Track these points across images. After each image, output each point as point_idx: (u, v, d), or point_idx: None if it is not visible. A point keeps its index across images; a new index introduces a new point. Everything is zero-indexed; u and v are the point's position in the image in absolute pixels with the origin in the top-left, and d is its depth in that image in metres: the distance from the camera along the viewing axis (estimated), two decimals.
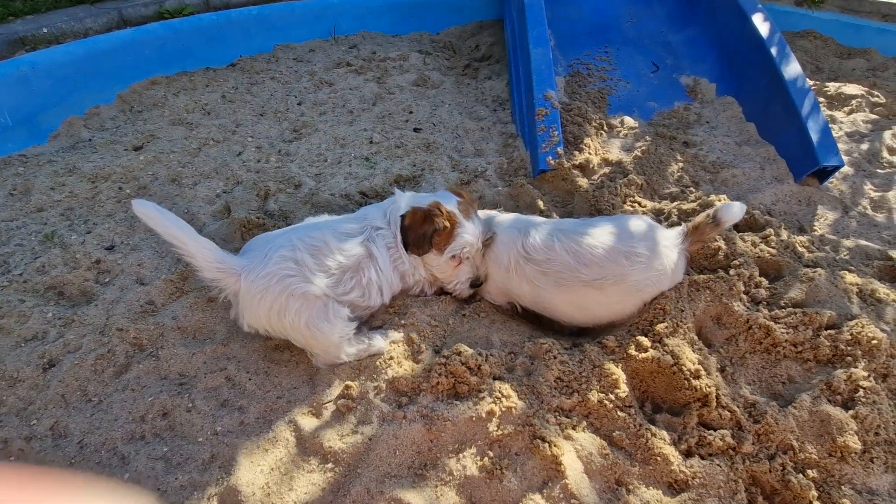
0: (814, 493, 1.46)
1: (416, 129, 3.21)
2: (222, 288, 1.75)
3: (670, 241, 1.82)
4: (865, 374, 1.65)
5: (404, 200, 1.92)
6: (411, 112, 3.41)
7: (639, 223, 1.85)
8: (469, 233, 1.85)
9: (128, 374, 1.78)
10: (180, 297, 2.06)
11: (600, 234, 1.80)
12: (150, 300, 2.03)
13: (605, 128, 3.00)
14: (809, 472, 1.51)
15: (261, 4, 4.30)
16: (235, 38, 4.06)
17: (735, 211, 1.78)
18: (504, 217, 2.03)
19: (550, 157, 2.62)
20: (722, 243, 2.09)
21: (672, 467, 1.49)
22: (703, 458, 1.53)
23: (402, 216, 1.87)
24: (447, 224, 1.83)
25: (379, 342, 1.78)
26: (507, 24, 3.86)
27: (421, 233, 1.83)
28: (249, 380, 1.76)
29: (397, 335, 1.81)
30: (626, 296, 1.80)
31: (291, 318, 1.68)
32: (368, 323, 1.95)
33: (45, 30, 3.36)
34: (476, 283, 1.95)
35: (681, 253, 1.83)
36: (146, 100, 3.44)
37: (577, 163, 2.66)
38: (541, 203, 2.46)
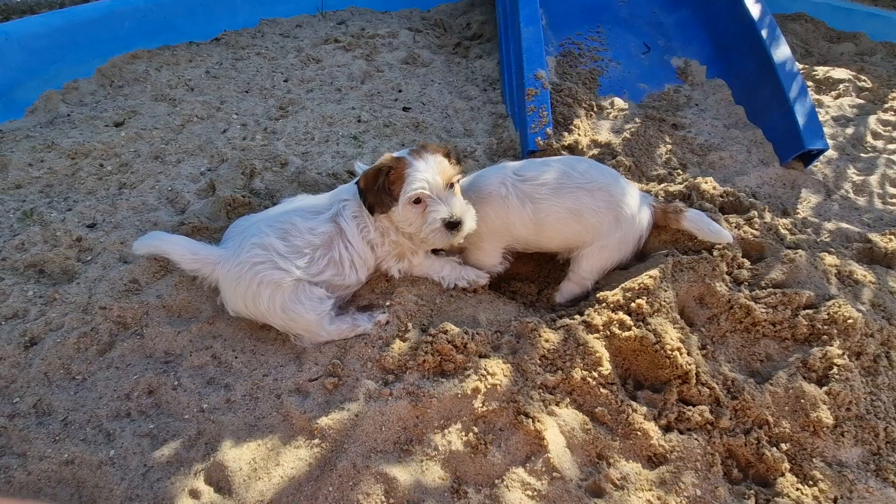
0: (786, 465, 1.51)
1: (405, 109, 3.17)
2: (204, 277, 1.81)
3: (638, 192, 2.03)
4: (840, 352, 1.70)
5: (362, 171, 1.89)
6: (400, 91, 3.36)
7: (621, 178, 2.04)
8: (420, 169, 1.69)
9: (112, 353, 1.77)
10: (165, 275, 2.04)
11: (588, 169, 1.98)
12: (134, 279, 2.00)
13: (595, 109, 2.99)
14: (783, 445, 1.56)
15: None
16: (219, 12, 3.95)
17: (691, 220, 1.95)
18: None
19: (540, 138, 2.61)
20: None
21: (651, 441, 1.53)
22: (681, 432, 1.57)
23: (357, 182, 1.79)
24: (393, 166, 1.71)
25: (364, 322, 1.79)
26: (498, 1, 3.79)
27: (375, 187, 1.71)
28: (236, 358, 1.76)
29: (383, 316, 1.82)
30: (607, 206, 1.92)
31: (266, 304, 1.71)
32: (355, 303, 1.96)
33: None
34: (453, 224, 1.71)
35: (647, 205, 2.02)
36: (127, 74, 3.35)
37: (566, 143, 2.65)
38: None
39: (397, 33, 4.03)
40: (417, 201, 1.71)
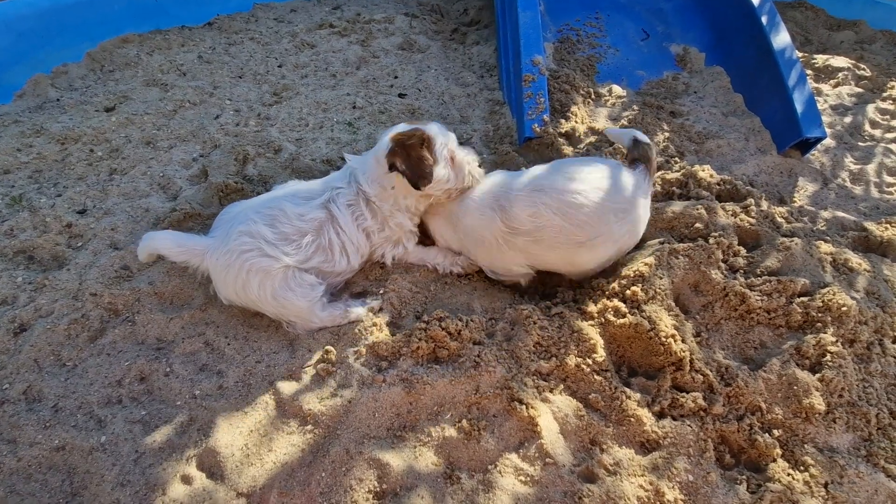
0: (778, 451, 1.52)
1: (400, 95, 3.13)
2: (194, 267, 1.81)
3: (642, 189, 1.82)
4: (833, 339, 1.70)
5: (352, 161, 1.90)
6: (396, 77, 3.31)
7: (613, 171, 1.81)
8: (436, 130, 1.82)
9: (103, 339, 1.76)
10: (156, 262, 2.01)
11: (585, 189, 1.72)
12: (125, 265, 1.98)
13: (593, 96, 2.96)
14: (775, 431, 1.56)
15: None
16: None
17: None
18: (475, 192, 1.90)
19: (536, 125, 2.58)
20: (703, 212, 2.10)
21: (645, 428, 1.53)
22: (674, 419, 1.57)
23: (392, 164, 1.75)
24: (424, 137, 1.77)
25: (357, 309, 1.78)
26: None
27: (419, 159, 1.72)
28: (228, 345, 1.74)
29: (376, 303, 1.81)
30: (611, 248, 1.81)
31: (256, 292, 1.70)
32: (349, 290, 1.94)
33: None
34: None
35: (648, 198, 1.86)
36: (117, 59, 3.29)
37: (563, 131, 2.63)
38: None
39: (393, 18, 3.97)
40: (451, 158, 1.83)
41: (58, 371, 1.67)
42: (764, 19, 2.91)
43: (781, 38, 2.82)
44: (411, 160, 1.73)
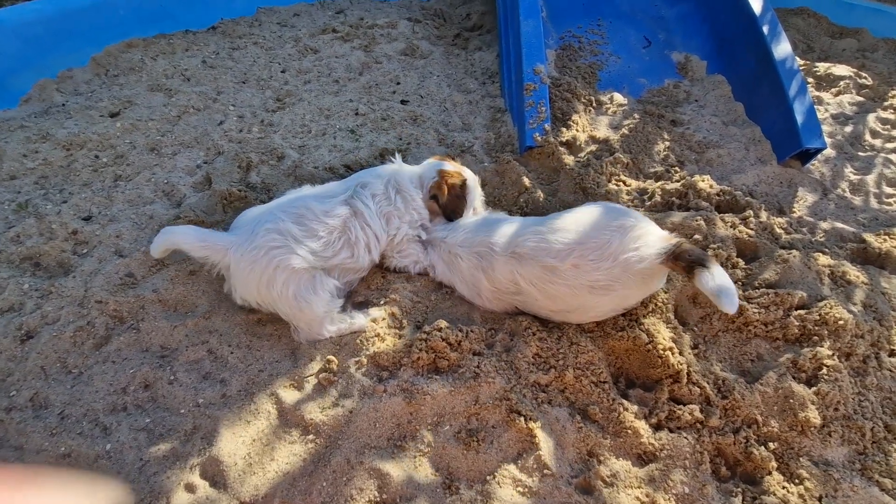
0: (773, 464, 1.54)
1: (403, 101, 3.15)
2: (213, 264, 1.79)
3: (652, 261, 1.58)
4: (830, 352, 1.71)
5: (406, 170, 2.08)
6: (398, 83, 3.33)
7: (603, 238, 1.62)
8: (469, 175, 2.12)
9: (108, 347, 1.78)
10: (161, 269, 2.04)
11: (560, 267, 1.63)
12: (130, 272, 2.01)
13: (594, 104, 2.97)
14: (771, 444, 1.58)
15: None
16: (216, 0, 3.89)
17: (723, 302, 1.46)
18: (459, 238, 1.93)
19: (538, 134, 2.60)
20: (703, 223, 2.12)
21: (642, 440, 1.55)
22: (671, 431, 1.59)
23: (436, 199, 2.00)
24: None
25: (360, 320, 1.80)
26: None
27: (461, 198, 2.02)
28: (231, 353, 1.77)
29: (378, 313, 1.83)
30: (594, 315, 1.75)
31: (279, 289, 1.70)
32: (351, 299, 1.96)
33: None
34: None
35: (655, 268, 1.59)
36: (122, 63, 3.31)
37: (564, 140, 2.64)
38: (526, 180, 2.46)
39: (396, 23, 3.99)
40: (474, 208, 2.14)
41: (64, 378, 1.70)
42: (765, 28, 2.92)
43: (782, 48, 2.83)
44: (452, 198, 2.00)
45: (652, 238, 1.61)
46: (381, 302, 1.88)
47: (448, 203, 2.00)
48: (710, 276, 1.48)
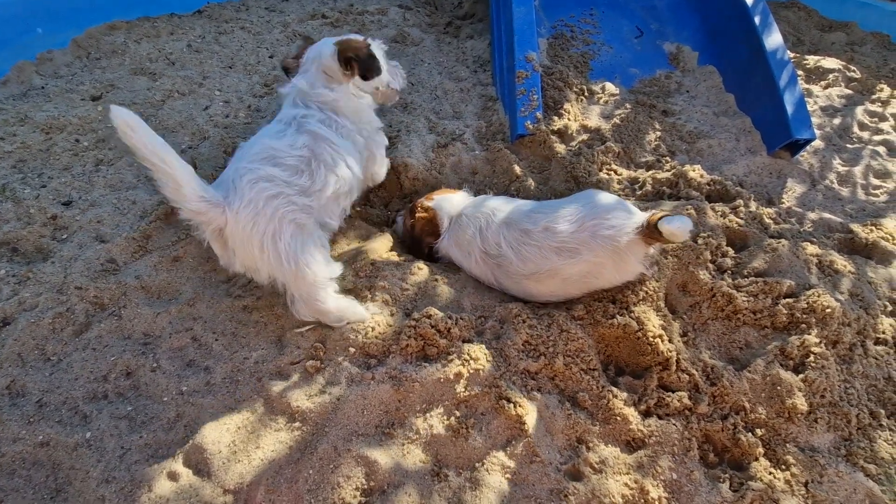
0: (760, 450, 1.55)
1: None
2: (207, 222, 1.57)
3: (622, 232, 1.66)
4: (817, 340, 1.73)
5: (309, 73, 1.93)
6: None
7: (580, 210, 1.74)
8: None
9: (88, 334, 1.73)
10: (143, 255, 1.99)
11: (534, 229, 1.77)
12: (112, 258, 1.96)
13: (586, 93, 2.95)
14: (758, 430, 1.59)
15: None
16: None
17: (675, 226, 1.56)
18: (468, 207, 2.02)
19: (529, 122, 2.57)
20: (693, 212, 2.12)
21: (630, 426, 1.55)
22: (660, 417, 1.59)
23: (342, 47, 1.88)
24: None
25: (362, 311, 1.75)
26: None
27: (367, 54, 1.92)
28: (216, 340, 1.73)
29: (375, 308, 1.79)
30: (560, 284, 1.79)
31: (286, 244, 1.59)
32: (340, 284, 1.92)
33: None
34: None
35: (633, 246, 1.67)
36: (104, 46, 3.22)
37: (555, 128, 2.62)
38: (517, 169, 2.44)
39: (387, 10, 3.92)
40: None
41: (42, 365, 1.65)
42: (757, 19, 2.92)
43: (774, 39, 2.83)
44: (362, 57, 1.90)
45: (631, 219, 1.68)
46: (371, 285, 1.84)
47: (360, 61, 1.87)
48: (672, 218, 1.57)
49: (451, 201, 2.07)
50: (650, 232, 1.62)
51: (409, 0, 4.24)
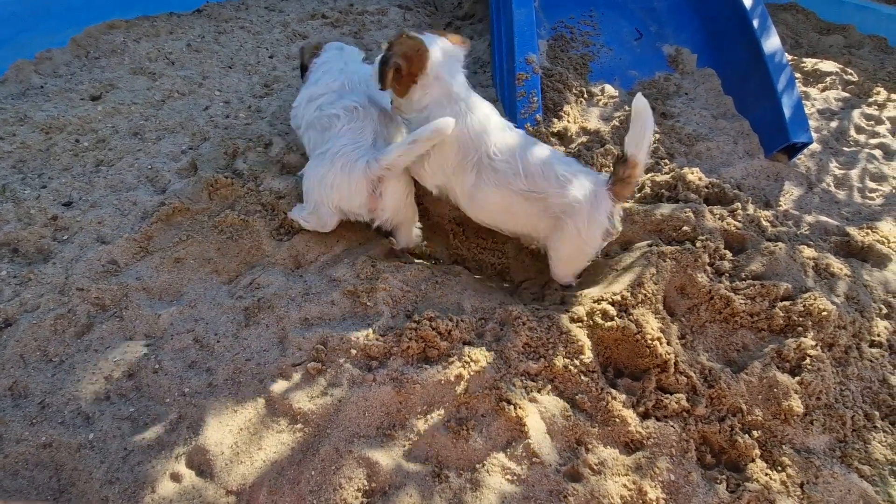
0: (757, 451, 1.57)
1: None
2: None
3: (594, 183, 1.84)
4: (813, 343, 1.74)
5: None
6: None
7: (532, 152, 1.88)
8: None
9: (90, 335, 1.74)
10: (145, 256, 2.00)
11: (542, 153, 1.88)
12: (113, 259, 1.96)
13: (586, 95, 2.96)
14: (755, 432, 1.61)
15: None
16: None
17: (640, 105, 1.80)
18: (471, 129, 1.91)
19: (529, 124, 2.58)
20: (691, 215, 2.14)
21: (629, 428, 1.57)
22: (658, 419, 1.61)
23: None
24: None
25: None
26: None
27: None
28: (218, 342, 1.74)
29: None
30: (544, 213, 1.85)
31: None
32: (340, 287, 1.93)
33: None
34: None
35: (602, 196, 1.81)
36: (103, 45, 3.21)
37: (555, 130, 2.64)
38: None
39: (387, 10, 3.93)
40: None
41: (44, 367, 1.66)
42: (755, 23, 2.93)
43: (772, 43, 2.85)
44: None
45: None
46: (372, 287, 1.85)
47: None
48: None
49: (453, 70, 1.89)
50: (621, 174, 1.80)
51: (409, 0, 4.25)
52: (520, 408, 1.55)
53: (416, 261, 2.12)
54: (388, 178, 1.87)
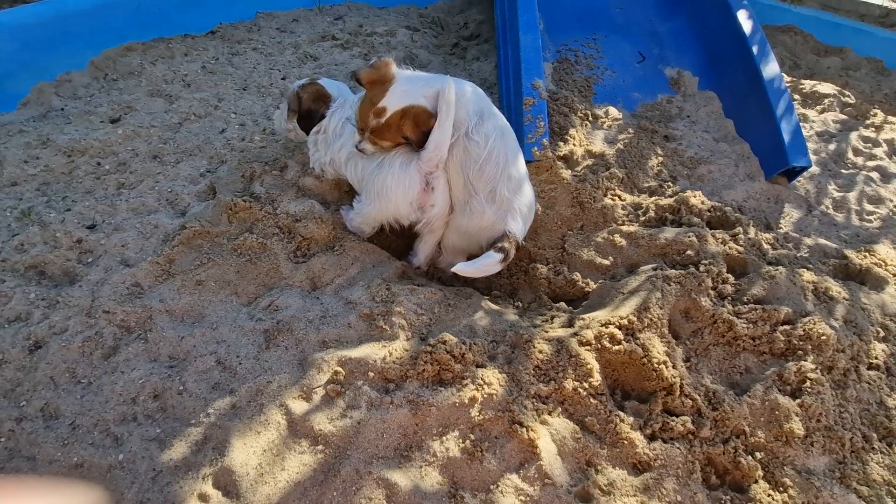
0: (759, 472, 1.63)
1: None
2: None
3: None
4: (813, 366, 1.81)
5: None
6: None
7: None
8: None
9: (117, 357, 1.81)
10: (167, 279, 2.07)
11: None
12: (137, 282, 2.03)
13: (590, 118, 3.05)
14: (758, 454, 1.67)
15: None
16: (215, 4, 3.90)
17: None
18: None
19: (536, 148, 2.66)
20: (695, 239, 2.21)
21: (637, 450, 1.63)
22: (665, 441, 1.67)
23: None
24: None
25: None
26: (496, 5, 3.80)
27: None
28: (240, 364, 1.81)
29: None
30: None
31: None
32: (356, 310, 2.00)
33: None
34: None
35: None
36: (121, 67, 3.31)
37: (561, 154, 2.72)
38: None
39: (395, 31, 4.03)
40: None
41: (73, 388, 1.72)
42: (755, 49, 3.03)
43: (771, 68, 2.94)
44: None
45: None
46: (386, 314, 1.92)
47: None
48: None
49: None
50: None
51: (416, 21, 4.36)
52: (532, 430, 1.62)
53: (430, 283, 2.20)
54: (437, 174, 2.08)
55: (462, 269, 1.97)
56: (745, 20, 3.16)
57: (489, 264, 1.98)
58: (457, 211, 2.16)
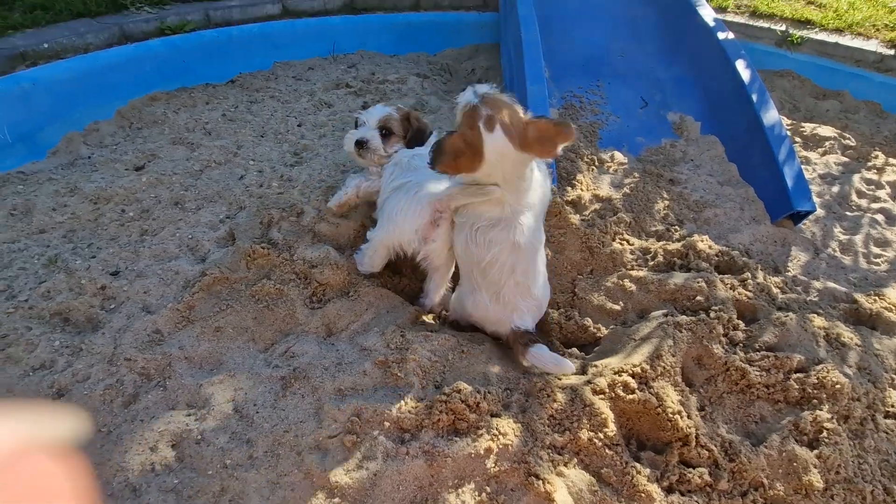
0: None
1: None
2: None
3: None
4: (829, 416, 1.81)
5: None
6: None
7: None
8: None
9: (136, 405, 1.84)
10: (186, 326, 2.12)
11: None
12: (157, 329, 2.08)
13: (597, 163, 3.14)
14: None
15: (262, 21, 4.35)
16: (235, 55, 4.11)
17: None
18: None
19: None
20: (704, 285, 2.24)
21: (655, 503, 1.62)
22: (682, 494, 1.66)
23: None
24: None
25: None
26: (503, 54, 3.99)
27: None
28: (257, 413, 1.83)
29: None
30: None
31: None
32: (370, 357, 2.02)
33: (45, 45, 3.35)
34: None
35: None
36: (146, 116, 3.47)
37: (569, 199, 2.79)
38: None
39: (406, 79, 4.21)
40: None
41: (94, 437, 1.74)
42: (754, 97, 3.14)
43: (770, 116, 3.04)
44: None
45: None
46: (401, 361, 1.95)
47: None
48: None
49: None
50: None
51: (425, 68, 4.55)
52: (548, 482, 1.61)
53: (444, 329, 2.23)
54: (446, 216, 2.14)
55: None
56: (743, 69, 3.28)
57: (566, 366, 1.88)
58: (464, 290, 2.15)
